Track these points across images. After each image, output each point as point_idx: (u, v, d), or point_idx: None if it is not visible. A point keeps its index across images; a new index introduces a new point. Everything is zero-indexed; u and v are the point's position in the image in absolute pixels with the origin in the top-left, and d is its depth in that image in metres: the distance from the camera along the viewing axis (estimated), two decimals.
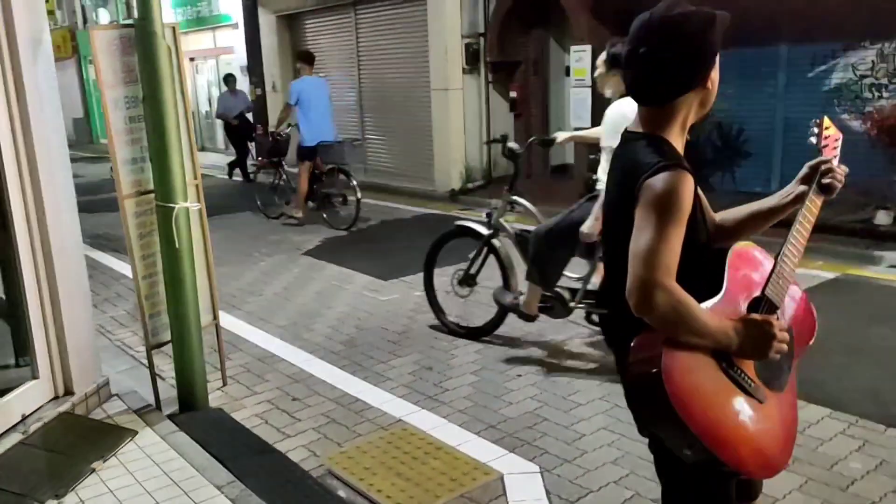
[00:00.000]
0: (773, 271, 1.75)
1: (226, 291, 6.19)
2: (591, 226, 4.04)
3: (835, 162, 1.84)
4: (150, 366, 3.84)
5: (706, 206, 1.90)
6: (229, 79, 13.13)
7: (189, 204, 3.65)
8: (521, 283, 4.60)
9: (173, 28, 3.76)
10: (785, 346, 1.66)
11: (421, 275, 5.22)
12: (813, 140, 1.88)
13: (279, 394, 4.13)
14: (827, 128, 1.88)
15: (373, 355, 4.66)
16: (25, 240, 3.43)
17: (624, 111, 3.75)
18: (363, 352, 4.73)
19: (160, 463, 3.21)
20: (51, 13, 22.22)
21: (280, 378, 4.35)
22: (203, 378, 3.87)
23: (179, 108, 3.73)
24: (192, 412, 3.80)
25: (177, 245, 3.59)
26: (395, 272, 6.52)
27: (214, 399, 4.04)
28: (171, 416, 3.72)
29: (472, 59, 10.60)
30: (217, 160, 16.14)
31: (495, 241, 4.75)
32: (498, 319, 4.74)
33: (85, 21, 22.37)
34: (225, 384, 4.26)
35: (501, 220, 4.76)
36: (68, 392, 3.65)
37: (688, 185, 1.62)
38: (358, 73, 12.66)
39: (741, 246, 1.83)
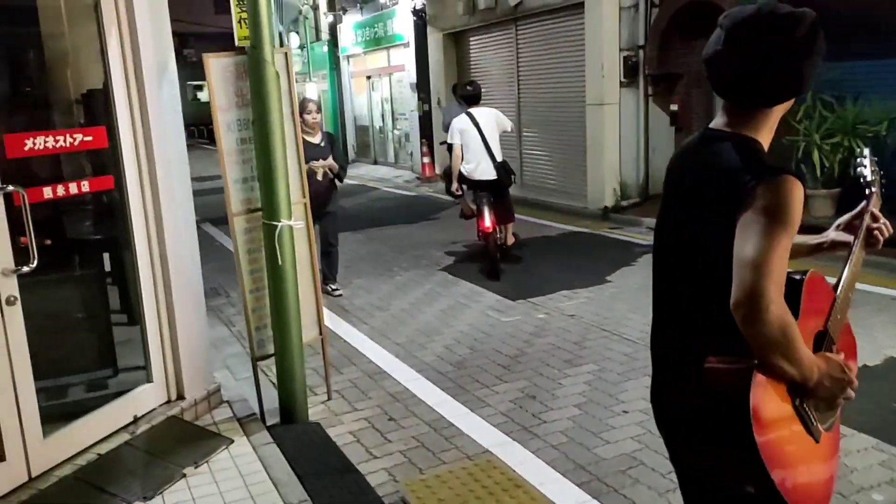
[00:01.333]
0: (832, 305, 1.64)
1: (356, 304, 6.37)
2: None
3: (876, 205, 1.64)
4: (255, 377, 4.01)
5: None
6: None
7: (293, 222, 3.77)
8: None
9: (285, 54, 3.92)
10: (853, 395, 1.57)
11: (550, 296, 4.99)
12: (866, 174, 1.65)
13: (378, 412, 4.15)
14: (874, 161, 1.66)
15: (479, 379, 4.55)
16: (145, 251, 3.70)
17: None
18: (470, 374, 4.64)
19: (245, 474, 3.32)
20: (247, 37, 24.35)
21: (382, 396, 4.37)
22: (303, 392, 3.96)
23: (288, 130, 3.89)
24: (291, 424, 3.90)
25: (279, 261, 3.72)
26: (525, 292, 6.36)
27: (316, 412, 4.14)
28: (270, 427, 3.85)
29: (630, 73, 10.20)
30: (386, 173, 16.83)
31: None
32: None
33: (282, 43, 24.22)
34: (329, 398, 4.35)
35: None
36: (180, 396, 3.88)
37: (801, 194, 1.50)
38: (518, 88, 12.62)
39: (815, 272, 1.64)
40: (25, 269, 3.02)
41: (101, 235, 4.03)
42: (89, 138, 3.40)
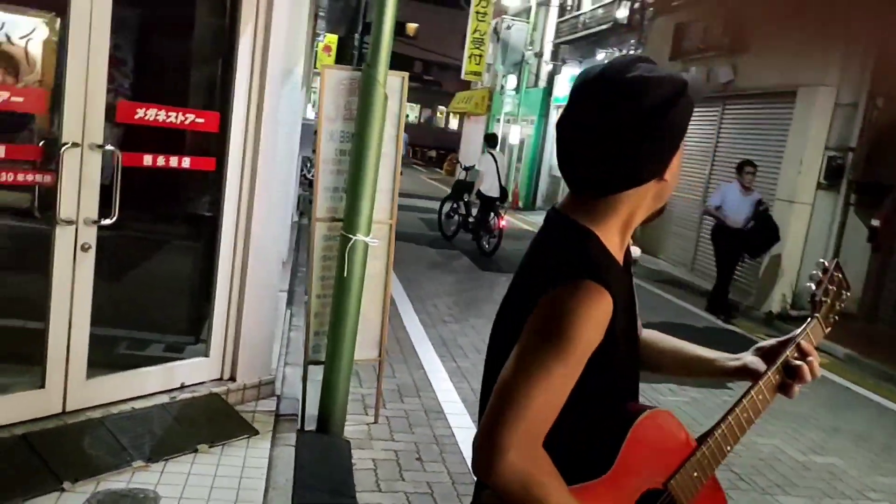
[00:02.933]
0: (689, 457, 1.29)
1: (462, 341, 6.31)
2: None
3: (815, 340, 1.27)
4: (304, 378, 4.08)
5: (638, 326, 1.43)
6: (745, 167, 8.82)
7: (368, 239, 3.81)
8: None
9: (403, 78, 4.00)
10: None
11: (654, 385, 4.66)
12: (815, 291, 1.33)
13: (411, 449, 4.05)
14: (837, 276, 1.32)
15: None
16: (230, 237, 3.91)
17: None
18: None
19: (246, 467, 3.37)
20: (477, 74, 25.39)
21: (426, 435, 4.26)
22: (342, 406, 3.97)
23: (389, 152, 3.96)
24: (322, 434, 3.92)
25: (346, 273, 3.77)
26: None
27: (355, 431, 4.13)
28: (302, 431, 3.89)
29: (832, 175, 9.27)
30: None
31: None
32: None
33: (502, 88, 24.96)
34: (375, 422, 4.31)
35: None
36: (232, 378, 4.04)
37: (598, 309, 1.18)
38: (710, 166, 11.97)
39: (660, 412, 1.30)
40: (105, 221, 3.31)
41: (210, 213, 4.33)
42: (201, 120, 3.67)
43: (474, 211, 12.03)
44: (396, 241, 4.23)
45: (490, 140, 11.98)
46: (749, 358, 1.43)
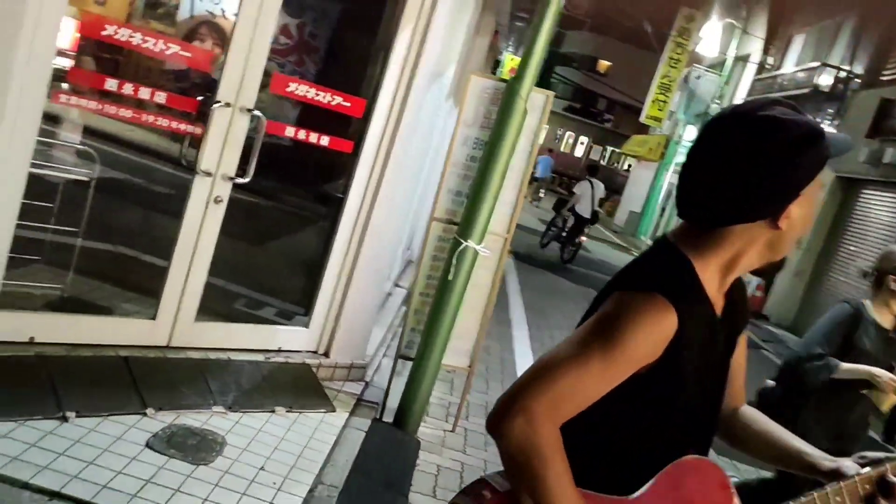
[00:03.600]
0: None
1: None
2: None
3: None
4: (392, 370, 4.15)
5: (733, 375, 1.41)
6: None
7: (479, 247, 3.82)
8: None
9: (547, 96, 3.98)
10: None
11: None
12: None
13: (478, 465, 4.00)
14: None
15: None
16: (350, 222, 4.06)
17: None
18: None
19: (313, 438, 3.47)
20: (658, 120, 24.77)
21: (496, 455, 4.17)
22: (422, 405, 3.99)
23: (519, 165, 3.96)
24: (396, 428, 3.96)
25: (449, 277, 3.80)
26: None
27: (430, 433, 4.13)
28: (377, 420, 3.96)
29: None
30: None
31: None
32: None
33: (679, 137, 24.18)
34: (453, 430, 4.30)
35: None
36: (326, 354, 4.19)
37: (657, 325, 1.19)
38: None
39: (707, 463, 1.27)
40: (240, 180, 3.55)
41: (337, 194, 4.52)
42: (348, 104, 3.85)
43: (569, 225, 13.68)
44: (527, 265, 4.21)
45: (591, 170, 13.85)
46: (847, 463, 1.30)
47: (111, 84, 3.09)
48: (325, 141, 3.84)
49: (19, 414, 2.83)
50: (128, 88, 3.14)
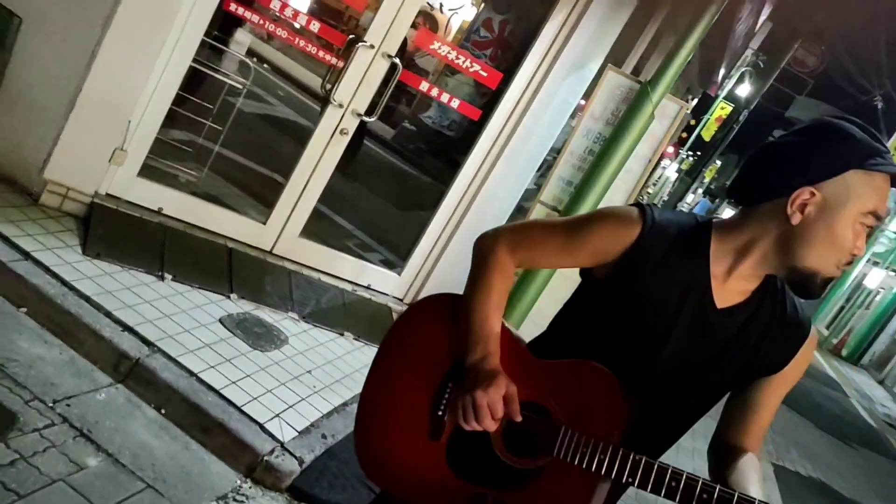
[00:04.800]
0: (599, 442, 1.27)
1: None
2: None
3: None
4: None
5: (753, 413, 1.43)
6: None
7: None
8: None
9: (682, 107, 3.94)
10: (485, 426, 1.33)
11: None
12: None
13: None
14: None
15: None
16: (461, 188, 4.23)
17: None
18: None
19: (364, 364, 3.66)
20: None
21: None
22: None
23: (635, 168, 3.96)
24: None
25: None
26: None
27: None
28: None
29: None
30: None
31: None
32: None
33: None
34: None
35: None
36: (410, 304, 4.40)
37: (620, 225, 1.36)
38: None
39: (613, 380, 1.32)
40: (366, 118, 3.85)
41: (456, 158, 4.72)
42: (485, 74, 4.03)
43: None
44: None
45: None
46: None
47: (275, 3, 3.48)
48: (455, 104, 4.05)
49: (128, 263, 3.28)
50: (288, 12, 3.52)
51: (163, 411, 2.70)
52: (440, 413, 1.41)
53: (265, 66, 7.25)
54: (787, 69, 20.14)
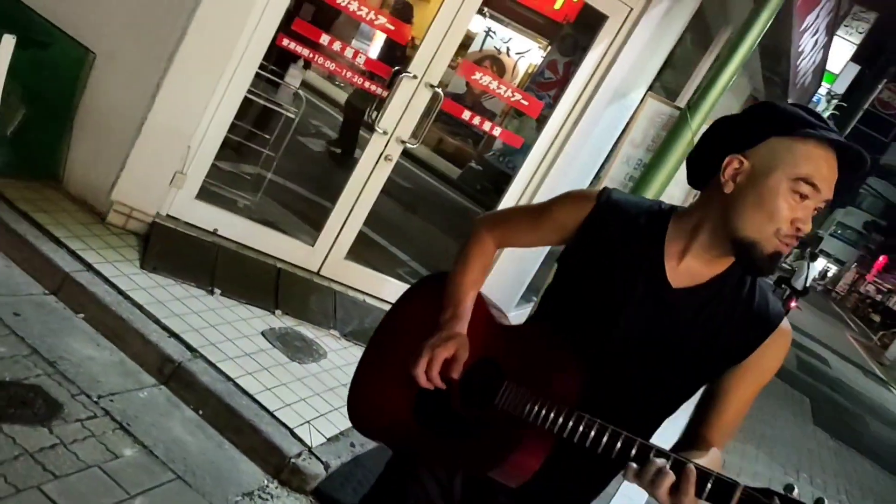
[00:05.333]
0: (539, 398, 1.31)
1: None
2: None
3: None
4: None
5: (720, 405, 1.42)
6: None
7: None
8: None
9: None
10: (417, 377, 1.46)
11: None
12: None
13: None
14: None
15: None
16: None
17: None
18: None
19: None
20: None
21: None
22: None
23: (678, 195, 3.96)
24: None
25: None
26: None
27: None
28: None
29: None
30: None
31: None
32: None
33: None
34: None
35: None
36: None
37: (578, 203, 1.50)
38: None
39: (562, 343, 1.42)
40: (409, 145, 4.01)
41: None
42: (526, 103, 4.14)
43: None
44: None
45: (812, 256, 15.80)
46: None
47: (325, 38, 3.71)
48: (497, 131, 4.17)
49: (181, 277, 3.50)
50: (336, 45, 3.74)
51: (200, 412, 2.86)
52: None
53: (316, 97, 7.64)
54: (872, 111, 19.47)
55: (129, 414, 2.63)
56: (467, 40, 10.54)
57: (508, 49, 11.19)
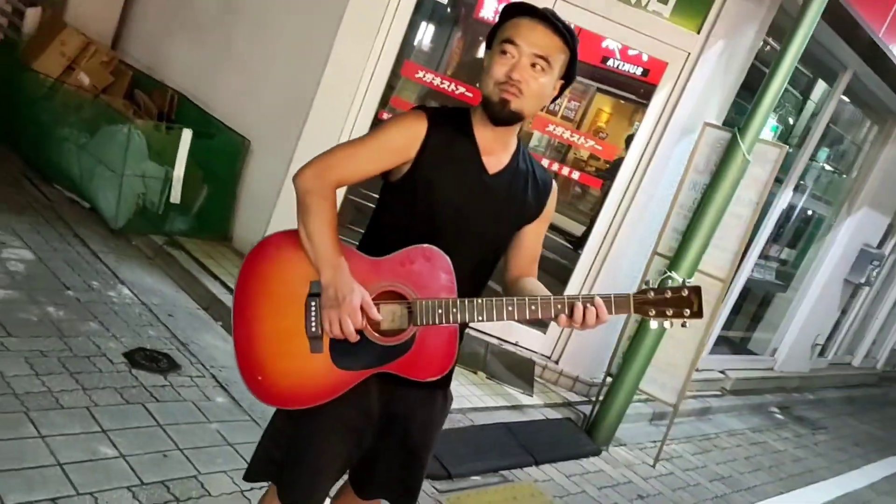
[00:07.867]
0: (446, 297, 1.65)
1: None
2: None
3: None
4: (601, 385, 4.53)
5: (523, 248, 1.89)
6: None
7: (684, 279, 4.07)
8: None
9: (781, 149, 4.07)
10: (348, 336, 1.61)
11: None
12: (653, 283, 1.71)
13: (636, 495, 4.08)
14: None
15: None
16: (592, 252, 4.69)
17: None
18: None
19: (492, 395, 4.19)
20: None
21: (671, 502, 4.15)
22: (611, 422, 4.33)
23: (744, 213, 4.12)
24: (582, 431, 4.35)
25: None
26: None
27: (624, 456, 4.37)
28: (568, 419, 4.42)
29: None
30: None
31: None
32: None
33: None
34: (654, 465, 4.41)
35: None
36: (555, 361, 4.83)
37: (409, 123, 1.69)
38: None
39: (434, 250, 1.68)
40: None
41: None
42: (600, 148, 4.61)
43: None
44: None
45: None
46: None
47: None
48: (576, 175, 4.65)
49: None
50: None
51: None
52: (314, 329, 1.64)
53: None
54: None
55: (230, 380, 3.42)
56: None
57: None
